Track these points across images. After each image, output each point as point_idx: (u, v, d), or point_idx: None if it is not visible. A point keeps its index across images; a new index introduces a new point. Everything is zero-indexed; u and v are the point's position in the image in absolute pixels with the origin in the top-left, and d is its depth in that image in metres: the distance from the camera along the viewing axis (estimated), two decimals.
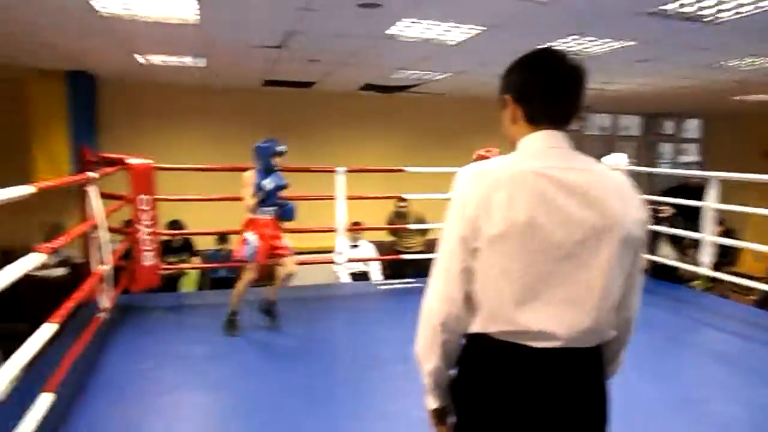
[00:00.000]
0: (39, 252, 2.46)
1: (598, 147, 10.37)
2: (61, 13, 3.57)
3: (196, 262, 6.16)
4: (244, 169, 4.26)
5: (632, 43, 4.24)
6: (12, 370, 2.02)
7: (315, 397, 2.93)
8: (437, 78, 6.07)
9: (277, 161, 3.67)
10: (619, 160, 5.56)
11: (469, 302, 1.13)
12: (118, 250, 4.45)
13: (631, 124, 10.73)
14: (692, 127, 11.10)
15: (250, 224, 3.65)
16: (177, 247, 6.11)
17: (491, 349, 1.10)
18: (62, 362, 2.81)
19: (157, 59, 5.19)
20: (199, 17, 3.62)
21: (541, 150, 1.13)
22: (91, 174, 3.59)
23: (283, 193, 3.85)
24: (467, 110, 8.28)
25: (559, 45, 4.43)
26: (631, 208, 1.10)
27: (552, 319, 1.06)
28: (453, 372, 1.21)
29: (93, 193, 3.64)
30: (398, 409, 2.68)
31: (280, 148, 3.71)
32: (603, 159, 5.70)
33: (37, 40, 4.38)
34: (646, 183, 10.03)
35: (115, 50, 4.73)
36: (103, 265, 3.74)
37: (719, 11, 3.25)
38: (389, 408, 2.77)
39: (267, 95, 7.33)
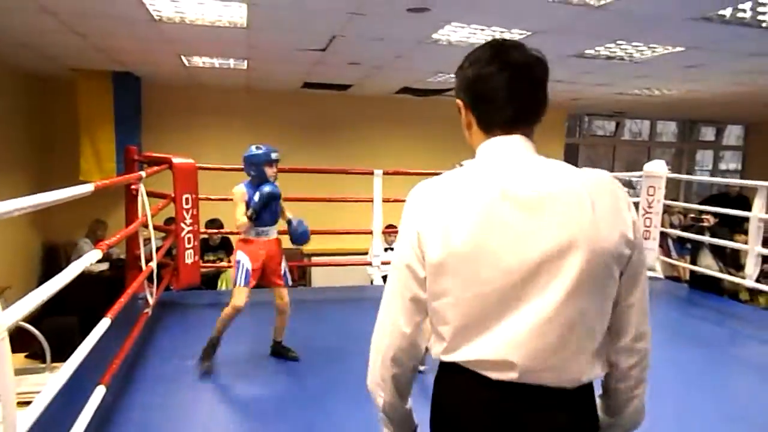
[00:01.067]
0: (99, 249, 2.53)
1: (632, 153, 10.21)
2: (117, 18, 3.68)
3: (233, 260, 6.26)
4: (286, 171, 4.30)
5: (681, 48, 4.16)
6: (73, 364, 2.09)
7: (354, 395, 2.96)
8: None
9: (271, 171, 3.17)
10: (659, 167, 5.47)
11: (426, 330, 1.02)
12: (161, 247, 4.56)
13: (666, 131, 10.51)
14: (732, 133, 10.81)
15: (242, 244, 3.25)
16: (215, 245, 6.23)
17: (454, 378, 0.99)
18: (115, 356, 2.90)
19: (200, 61, 5.30)
20: (246, 21, 3.69)
21: (495, 160, 0.98)
22: (142, 173, 3.69)
23: (318, 196, 3.70)
24: None
25: (604, 50, 4.38)
26: (607, 221, 0.92)
27: (507, 349, 0.91)
28: (409, 405, 1.13)
29: (142, 192, 3.74)
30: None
31: (275, 155, 3.19)
32: (644, 166, 5.63)
33: (89, 43, 4.52)
34: (684, 191, 9.84)
35: (163, 52, 4.85)
36: (150, 262, 3.84)
37: None
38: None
39: (305, 97, 7.41)
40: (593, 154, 10.03)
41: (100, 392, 2.52)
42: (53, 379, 1.92)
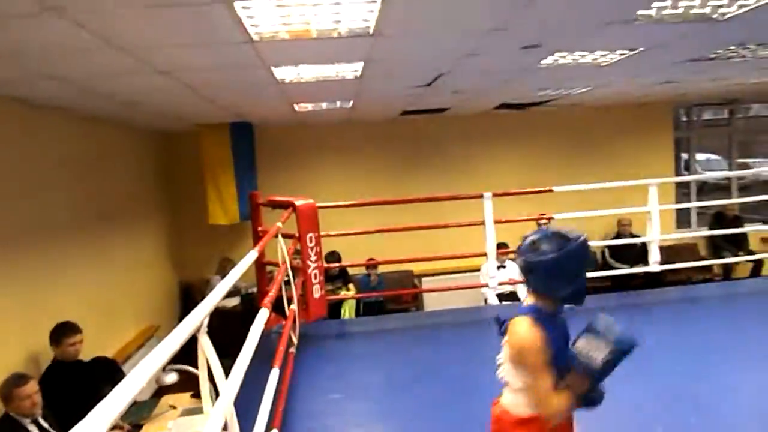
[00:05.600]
0: (264, 307, 2.80)
1: (749, 135, 9.49)
2: (246, 86, 4.07)
3: (351, 288, 6.57)
4: (386, 203, 4.30)
5: None
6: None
7: None
8: (578, 92, 5.96)
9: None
10: None
11: None
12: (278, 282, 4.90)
13: None
14: None
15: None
16: (334, 275, 6.56)
17: None
18: (279, 400, 3.18)
19: (309, 106, 5.66)
20: (360, 73, 3.92)
21: None
22: (279, 224, 4.03)
23: (423, 220, 2.81)
24: (602, 118, 7.99)
25: (724, 52, 4.19)
26: None
27: None
28: None
29: (280, 240, 4.08)
30: None
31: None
32: None
33: (217, 105, 4.99)
34: None
35: (278, 104, 5.24)
36: (292, 303, 4.17)
37: None
38: None
39: (403, 124, 7.63)
40: (706, 143, 9.43)
41: None
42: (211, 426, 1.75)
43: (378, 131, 7.69)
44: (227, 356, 1.99)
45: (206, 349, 1.58)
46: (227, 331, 2.99)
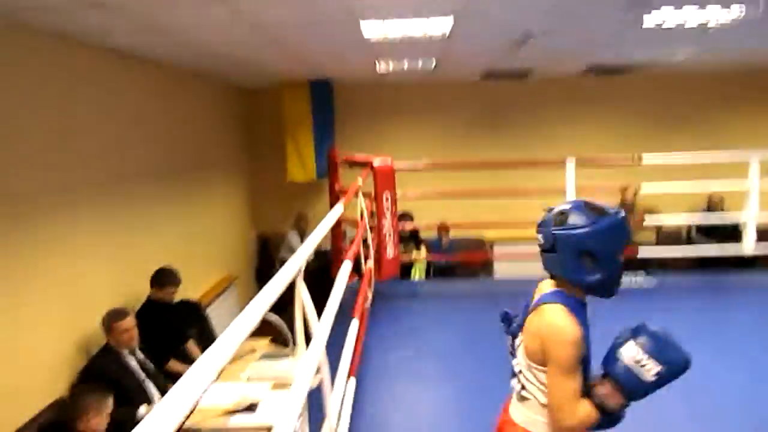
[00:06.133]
0: (344, 259, 2.85)
1: None
2: (337, 43, 4.06)
3: (423, 251, 6.59)
4: (466, 165, 4.15)
5: None
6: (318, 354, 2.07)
7: None
8: (677, 59, 5.54)
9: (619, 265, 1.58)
10: None
11: None
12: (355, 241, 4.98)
13: None
14: None
15: None
16: (406, 237, 6.59)
17: None
18: (355, 350, 3.27)
19: (391, 64, 5.59)
20: (449, 31, 3.81)
21: None
22: (359, 182, 4.07)
23: (500, 185, 2.62)
24: (703, 85, 7.41)
25: None
26: None
27: None
28: None
29: (361, 199, 4.13)
30: None
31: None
32: None
33: (299, 61, 5.02)
34: None
35: (362, 63, 5.21)
36: (369, 261, 4.24)
37: None
38: None
39: (484, 87, 7.41)
40: None
41: (352, 384, 2.88)
42: (306, 367, 1.69)
43: (458, 94, 7.52)
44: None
45: (303, 294, 1.63)
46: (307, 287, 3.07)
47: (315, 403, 1.84)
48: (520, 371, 1.60)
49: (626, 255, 1.61)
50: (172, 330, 3.95)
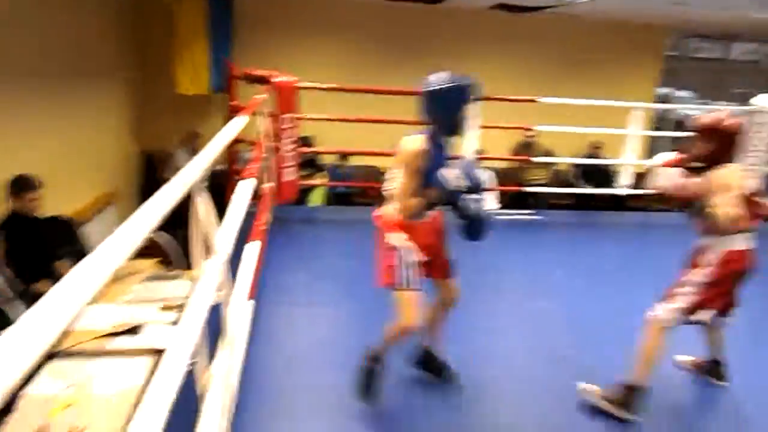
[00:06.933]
0: (244, 178, 2.66)
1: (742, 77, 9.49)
2: None
3: (321, 176, 6.44)
4: (373, 92, 3.99)
5: None
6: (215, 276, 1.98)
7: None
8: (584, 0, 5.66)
9: (467, 118, 2.16)
10: (765, 101, 5.17)
11: None
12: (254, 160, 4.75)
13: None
14: None
15: (398, 229, 2.19)
16: (303, 162, 6.38)
17: None
18: (255, 272, 3.13)
19: None
20: None
21: None
22: (264, 96, 3.77)
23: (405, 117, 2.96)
24: (596, 35, 7.73)
25: None
26: None
27: None
28: None
29: (262, 116, 3.85)
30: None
31: (474, 89, 2.17)
32: (752, 100, 5.27)
33: None
34: None
35: None
36: (267, 184, 4.02)
37: None
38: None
39: (395, 11, 7.15)
40: (693, 78, 9.36)
41: (250, 306, 2.76)
42: (207, 284, 1.63)
43: (367, 15, 7.20)
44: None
45: (204, 206, 1.45)
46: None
47: (210, 326, 1.73)
48: (392, 179, 2.22)
49: (515, 191, 2.30)
50: (40, 247, 3.53)
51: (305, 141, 6.20)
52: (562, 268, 4.14)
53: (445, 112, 2.12)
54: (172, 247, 3.52)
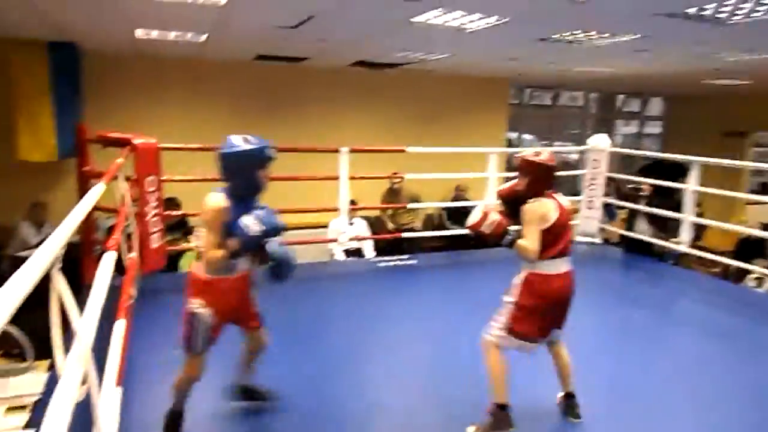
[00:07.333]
0: (107, 249, 2.44)
1: (568, 121, 10.78)
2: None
3: (192, 239, 6.10)
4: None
5: (636, 36, 4.45)
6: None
7: (323, 374, 3.09)
8: (435, 58, 6.14)
9: (264, 176, 2.25)
10: (603, 142, 5.90)
11: None
12: (115, 228, 4.39)
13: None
14: (653, 103, 11.64)
15: (202, 289, 2.25)
16: (171, 225, 6.02)
17: None
18: (121, 356, 2.83)
19: (154, 34, 5.01)
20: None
21: None
22: (120, 161, 3.52)
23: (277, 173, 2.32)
24: (453, 87, 8.39)
25: (561, 37, 4.60)
26: None
27: None
28: None
29: (122, 181, 3.58)
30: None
31: (270, 151, 2.25)
32: (588, 140, 6.02)
33: (36, 12, 4.16)
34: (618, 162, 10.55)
35: (116, 25, 4.54)
36: (131, 253, 3.71)
37: (734, 13, 3.47)
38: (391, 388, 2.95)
39: (258, 69, 7.19)
40: (533, 123, 10.48)
41: (118, 393, 2.48)
42: (70, 375, 1.40)
43: (231, 73, 7.15)
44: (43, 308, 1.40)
45: (62, 287, 1.30)
46: (44, 282, 2.54)
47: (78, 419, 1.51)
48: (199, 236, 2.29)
49: (394, 237, 2.40)
50: None
51: (172, 203, 5.89)
52: (438, 308, 4.28)
53: (239, 173, 2.21)
54: (20, 336, 3.10)
